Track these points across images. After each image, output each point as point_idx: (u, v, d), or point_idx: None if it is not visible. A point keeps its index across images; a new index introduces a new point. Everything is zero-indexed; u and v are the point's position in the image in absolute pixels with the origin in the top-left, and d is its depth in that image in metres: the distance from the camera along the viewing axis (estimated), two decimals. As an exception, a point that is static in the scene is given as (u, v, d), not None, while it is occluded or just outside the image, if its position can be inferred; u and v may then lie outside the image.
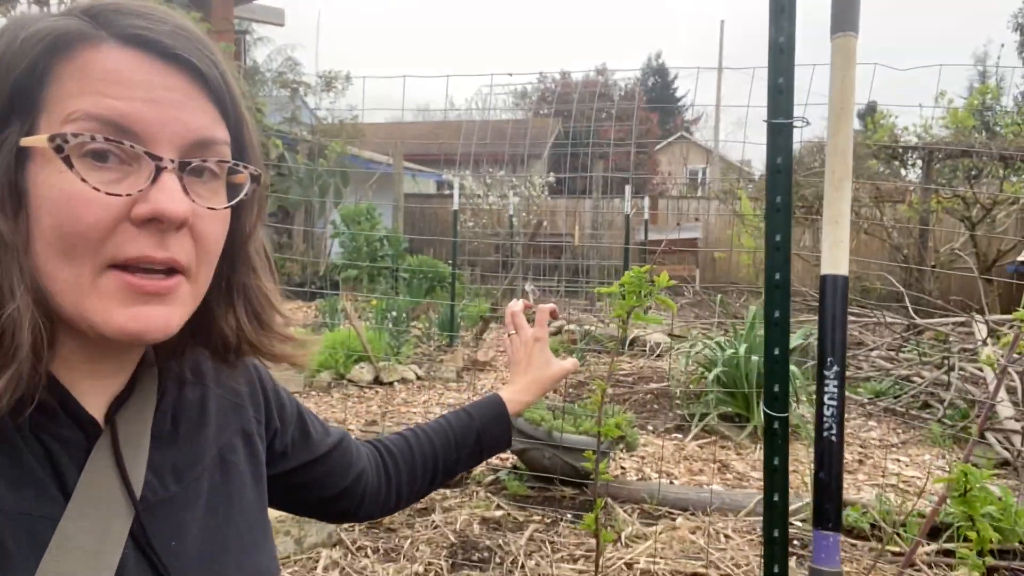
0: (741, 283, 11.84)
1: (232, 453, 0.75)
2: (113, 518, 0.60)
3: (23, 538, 0.55)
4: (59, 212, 0.56)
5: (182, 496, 0.68)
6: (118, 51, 0.58)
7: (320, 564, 2.62)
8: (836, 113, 1.29)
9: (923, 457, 4.14)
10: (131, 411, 0.66)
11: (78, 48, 0.57)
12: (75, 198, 0.56)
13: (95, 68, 0.57)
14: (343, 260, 10.89)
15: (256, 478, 0.78)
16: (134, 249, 0.57)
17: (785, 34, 1.36)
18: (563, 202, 14.60)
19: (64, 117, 0.56)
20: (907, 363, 5.69)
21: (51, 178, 0.56)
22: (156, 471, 0.66)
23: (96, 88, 0.56)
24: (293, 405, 0.91)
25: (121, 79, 0.57)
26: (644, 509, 3.18)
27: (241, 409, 0.79)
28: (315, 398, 5.11)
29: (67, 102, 0.56)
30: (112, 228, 0.57)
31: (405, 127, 20.54)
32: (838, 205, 1.26)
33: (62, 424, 0.61)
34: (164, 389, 0.71)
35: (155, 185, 0.57)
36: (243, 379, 0.81)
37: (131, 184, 0.57)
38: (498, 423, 1.12)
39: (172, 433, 0.70)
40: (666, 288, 1.48)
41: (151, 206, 0.57)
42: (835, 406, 1.21)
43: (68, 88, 0.57)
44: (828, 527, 1.18)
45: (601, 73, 24.25)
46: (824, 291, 1.24)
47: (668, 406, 5.07)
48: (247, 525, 0.74)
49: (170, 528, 0.65)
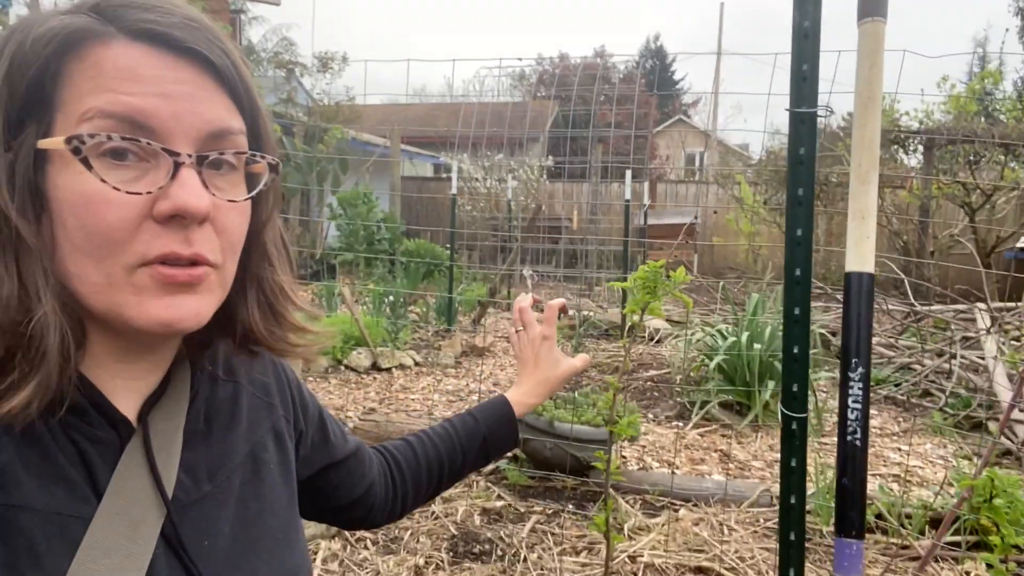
0: (739, 268, 11.82)
1: (263, 451, 0.75)
2: (145, 518, 0.60)
3: (55, 538, 0.55)
4: (82, 214, 0.56)
5: (214, 495, 0.67)
6: (128, 46, 0.57)
7: (319, 556, 2.59)
8: (863, 103, 1.23)
9: (924, 446, 4.12)
10: (164, 410, 0.66)
11: (88, 46, 0.57)
12: (96, 199, 0.55)
13: (106, 65, 0.56)
14: (340, 244, 10.82)
15: (286, 476, 0.78)
16: (161, 246, 0.57)
17: (810, 18, 1.29)
18: (561, 186, 14.52)
19: (79, 116, 0.56)
20: (908, 351, 5.67)
21: (71, 180, 0.56)
22: (189, 470, 0.66)
23: (109, 85, 0.56)
24: (316, 407, 0.90)
25: (133, 75, 0.56)
26: (646, 500, 3.16)
27: (272, 407, 0.79)
28: (313, 384, 5.06)
29: (81, 101, 0.56)
30: (136, 226, 0.56)
31: (402, 109, 20.39)
32: (864, 199, 1.20)
33: (94, 424, 0.61)
34: (197, 388, 0.70)
35: (175, 181, 0.57)
36: (272, 377, 0.81)
37: (150, 181, 0.57)
38: (504, 426, 1.09)
39: (205, 432, 0.70)
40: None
41: (172, 202, 0.57)
42: (859, 409, 1.16)
43: (81, 87, 0.56)
44: (852, 534, 1.14)
45: (600, 56, 24.05)
46: (849, 289, 1.19)
47: (668, 393, 5.04)
48: (278, 524, 0.73)
49: (202, 528, 0.65)
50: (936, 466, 3.79)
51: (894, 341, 5.92)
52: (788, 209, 1.33)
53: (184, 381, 0.69)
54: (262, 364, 0.79)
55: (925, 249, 9.24)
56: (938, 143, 9.35)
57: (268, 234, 0.70)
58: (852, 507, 1.15)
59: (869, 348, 1.18)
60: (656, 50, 37.21)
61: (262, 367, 0.79)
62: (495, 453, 1.10)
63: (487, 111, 7.99)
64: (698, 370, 5.09)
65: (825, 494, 2.99)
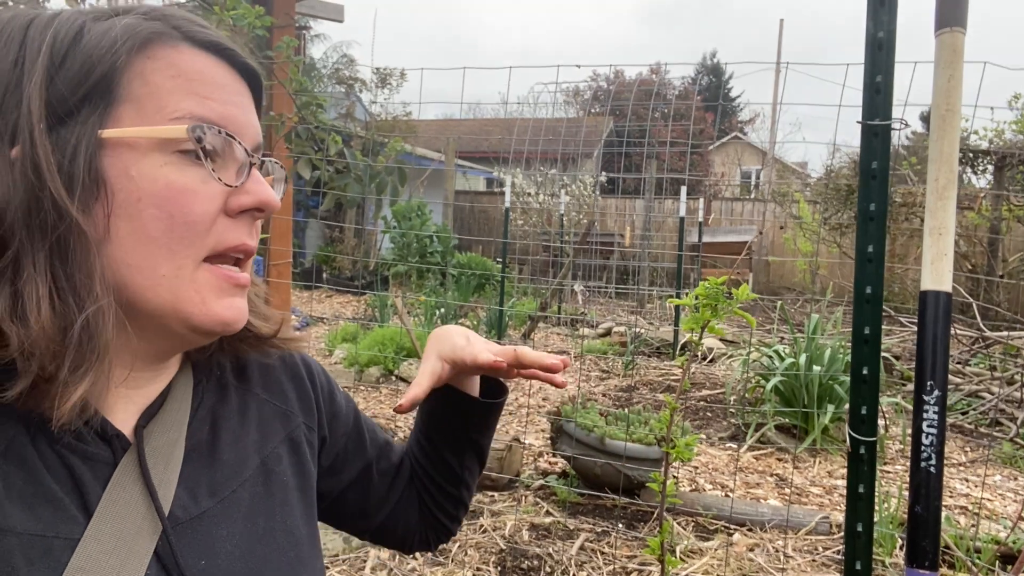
0: (796, 288, 11.54)
1: (277, 463, 0.71)
2: (137, 537, 0.57)
3: (38, 561, 0.53)
4: (168, 204, 0.56)
5: (217, 511, 0.64)
6: (198, 54, 0.59)
7: (368, 564, 2.60)
8: (941, 115, 1.18)
9: (994, 477, 3.93)
10: (163, 422, 0.63)
11: (159, 46, 0.58)
12: (186, 189, 0.57)
13: (185, 68, 0.58)
14: (393, 256, 10.95)
15: (303, 490, 0.73)
16: (234, 238, 0.60)
17: (885, 28, 1.25)
18: (614, 202, 14.44)
19: (167, 114, 0.57)
20: (976, 378, 5.43)
21: (155, 170, 0.56)
22: (188, 485, 0.62)
23: (192, 88, 0.58)
24: (350, 413, 0.85)
25: (212, 82, 0.60)
26: (699, 522, 3.08)
27: (289, 415, 0.75)
28: (363, 393, 5.12)
29: (163, 99, 0.57)
30: (215, 219, 0.59)
31: (457, 123, 20.61)
32: (942, 216, 1.15)
33: (86, 440, 0.58)
34: (201, 397, 0.68)
35: (250, 178, 0.61)
36: (291, 382, 0.77)
37: (230, 177, 0.60)
38: (442, 402, 0.88)
39: (210, 443, 0.66)
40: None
41: (255, 197, 0.61)
42: (935, 434, 1.11)
43: (161, 85, 0.57)
44: (925, 566, 1.08)
45: (655, 72, 23.92)
46: (925, 309, 1.14)
47: (722, 414, 4.93)
48: (290, 541, 0.68)
49: (201, 546, 0.61)
50: (1006, 499, 3.61)
51: (962, 367, 5.69)
52: (859, 225, 1.29)
53: (186, 391, 0.67)
54: (281, 369, 0.77)
55: (994, 272, 8.87)
56: (1009, 163, 8.99)
57: None
58: (925, 536, 1.09)
59: (946, 370, 1.13)
60: (712, 67, 36.84)
61: (281, 372, 0.76)
62: (480, 432, 0.90)
63: (541, 126, 8.02)
64: (753, 391, 4.97)
65: (888, 523, 2.88)
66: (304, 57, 12.99)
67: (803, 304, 8.71)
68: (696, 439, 1.46)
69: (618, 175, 12.51)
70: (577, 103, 23.75)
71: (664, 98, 16.11)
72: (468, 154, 17.97)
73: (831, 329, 5.23)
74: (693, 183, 15.67)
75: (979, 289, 8.47)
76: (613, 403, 4.77)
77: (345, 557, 2.65)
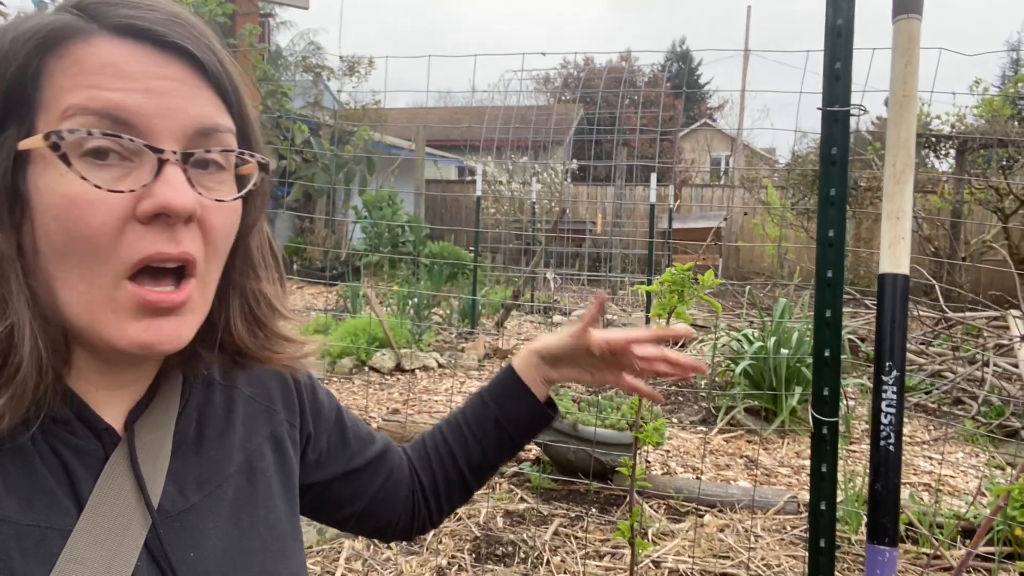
0: (765, 272, 11.70)
1: (260, 459, 0.72)
2: (127, 529, 0.58)
3: (31, 551, 0.54)
4: (64, 217, 0.53)
5: (203, 505, 0.65)
6: (111, 43, 0.55)
7: (343, 555, 2.60)
8: (898, 101, 1.20)
9: (956, 455, 4.04)
10: (151, 418, 0.64)
11: (70, 43, 0.55)
12: (78, 200, 0.53)
13: (88, 62, 0.54)
14: (364, 246, 10.88)
15: (286, 485, 0.75)
16: (147, 247, 0.55)
17: (844, 16, 1.27)
18: (585, 189, 14.49)
19: (59, 114, 0.53)
20: (938, 358, 5.56)
21: (52, 182, 0.53)
22: (177, 480, 0.64)
23: (90, 82, 0.54)
24: (333, 409, 0.86)
25: (116, 71, 0.54)
26: (670, 505, 3.13)
27: (272, 412, 0.76)
28: (336, 384, 5.09)
29: (61, 99, 0.54)
30: (120, 229, 0.54)
31: (427, 112, 20.48)
32: (899, 199, 1.18)
33: (78, 434, 0.59)
34: (189, 394, 0.68)
35: (159, 179, 0.55)
36: (275, 380, 0.78)
37: (134, 180, 0.54)
38: (515, 402, 0.93)
39: (197, 439, 0.67)
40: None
41: (156, 200, 0.54)
42: (893, 413, 1.14)
43: (62, 84, 0.54)
44: (885, 542, 1.12)
45: (625, 59, 23.96)
46: (883, 291, 1.17)
47: (693, 398, 4.99)
48: (273, 535, 0.70)
49: (189, 539, 0.63)
50: (968, 475, 3.71)
51: (924, 347, 5.82)
52: (820, 210, 1.31)
53: (174, 388, 0.67)
54: (264, 367, 0.75)
55: (956, 254, 9.07)
56: (971, 147, 9.18)
57: (254, 239, 0.68)
58: (885, 514, 1.12)
59: (904, 351, 1.16)
60: (682, 53, 36.98)
61: (263, 370, 0.75)
62: (521, 434, 0.94)
63: (512, 114, 8.00)
64: (723, 375, 5.04)
65: (853, 501, 2.94)
66: (269, 45, 12.62)
67: (772, 288, 8.83)
68: (664, 424, 1.48)
69: (589, 162, 12.54)
70: (547, 91, 23.72)
71: (634, 85, 16.16)
72: (439, 143, 17.87)
73: (799, 312, 5.31)
74: (663, 170, 15.76)
75: (942, 271, 8.66)
76: (586, 389, 4.80)
77: (319, 548, 2.65)
